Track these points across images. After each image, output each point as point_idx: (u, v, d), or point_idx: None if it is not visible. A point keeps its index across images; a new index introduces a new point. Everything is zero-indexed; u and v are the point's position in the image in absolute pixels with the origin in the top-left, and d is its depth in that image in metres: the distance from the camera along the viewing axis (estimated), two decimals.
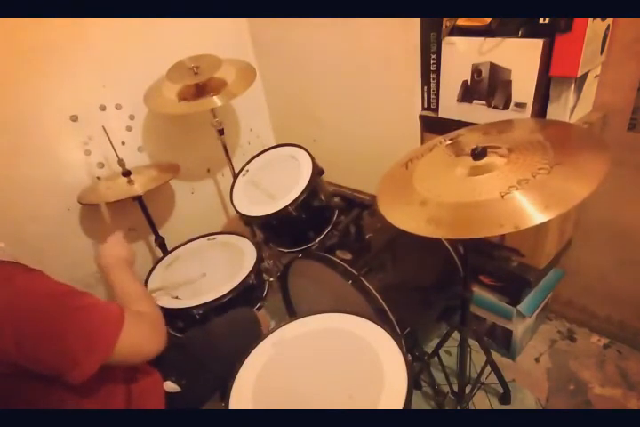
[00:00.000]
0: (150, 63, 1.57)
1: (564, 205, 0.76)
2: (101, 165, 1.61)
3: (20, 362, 0.71)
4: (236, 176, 1.57)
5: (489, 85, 1.23)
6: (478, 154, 0.92)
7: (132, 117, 1.64)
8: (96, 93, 1.53)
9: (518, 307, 1.49)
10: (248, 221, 1.48)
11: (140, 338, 0.84)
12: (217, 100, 1.44)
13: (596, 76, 1.23)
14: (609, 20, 1.12)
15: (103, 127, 1.40)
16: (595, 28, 1.06)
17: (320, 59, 1.69)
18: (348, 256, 1.37)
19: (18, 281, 0.74)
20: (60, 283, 0.79)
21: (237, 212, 1.45)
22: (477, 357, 1.52)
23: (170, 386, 1.00)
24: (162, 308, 1.34)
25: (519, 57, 1.15)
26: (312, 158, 1.42)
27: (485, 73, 1.22)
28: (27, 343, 0.71)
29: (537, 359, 1.63)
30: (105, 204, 1.25)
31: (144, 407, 0.94)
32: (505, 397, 1.48)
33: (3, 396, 0.77)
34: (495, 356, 1.45)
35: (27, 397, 0.78)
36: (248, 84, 1.51)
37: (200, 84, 1.48)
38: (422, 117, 1.48)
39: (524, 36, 1.12)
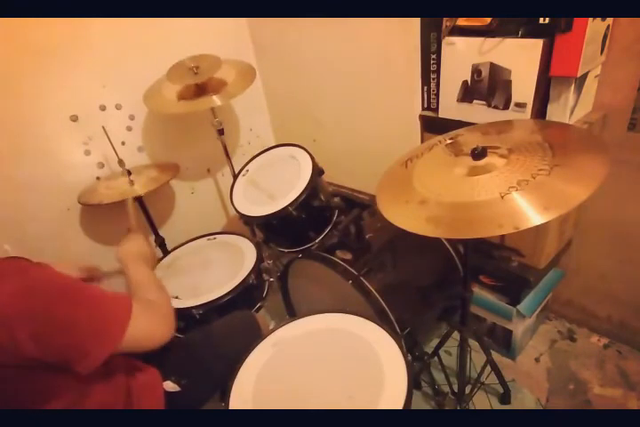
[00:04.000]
0: (150, 63, 1.57)
1: (564, 206, 0.76)
2: (101, 165, 1.61)
3: (34, 354, 0.72)
4: (235, 176, 1.57)
5: (489, 85, 1.23)
6: (478, 154, 0.92)
7: (131, 117, 1.64)
8: (96, 93, 1.53)
9: (518, 307, 1.49)
10: (248, 221, 1.48)
11: (149, 326, 0.85)
12: (216, 100, 1.44)
13: (596, 76, 1.22)
14: (609, 20, 1.12)
15: (103, 127, 1.40)
16: (595, 28, 1.06)
17: (320, 59, 1.69)
18: (348, 256, 1.37)
19: (31, 273, 0.75)
20: (68, 275, 0.81)
21: (237, 212, 1.45)
22: (477, 357, 1.52)
23: (170, 386, 1.00)
24: None
25: (519, 57, 1.15)
26: (312, 158, 1.41)
27: (485, 73, 1.22)
28: (40, 335, 0.72)
29: (537, 359, 1.63)
30: (132, 199, 1.30)
31: (143, 405, 0.94)
32: (505, 397, 1.48)
33: (10, 385, 0.77)
34: (495, 356, 1.45)
35: (32, 387, 0.78)
36: (248, 84, 1.51)
37: (200, 84, 1.48)
38: (422, 117, 1.48)
39: (523, 36, 1.12)
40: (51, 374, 0.78)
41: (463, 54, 1.23)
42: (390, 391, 0.85)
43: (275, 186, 1.44)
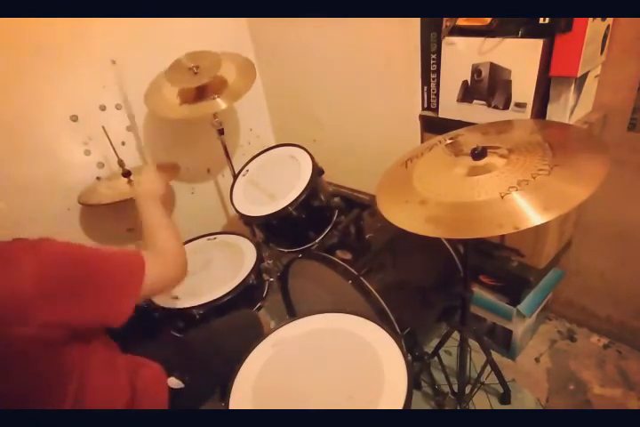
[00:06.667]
0: (150, 63, 1.57)
1: (564, 206, 0.76)
2: (101, 165, 1.61)
3: (69, 323, 0.75)
4: (235, 176, 1.57)
5: (489, 85, 1.23)
6: (478, 154, 0.92)
7: (131, 117, 1.64)
8: (96, 93, 1.53)
9: (518, 307, 1.49)
10: (248, 221, 1.48)
11: (161, 271, 0.91)
12: (221, 103, 1.44)
13: (596, 76, 1.22)
14: (609, 20, 1.12)
15: (103, 127, 1.40)
16: (595, 28, 1.06)
17: (320, 58, 1.69)
18: (348, 256, 1.37)
19: (43, 248, 0.76)
20: (76, 243, 0.83)
21: (237, 212, 1.45)
22: (477, 357, 1.52)
23: (174, 382, 1.01)
24: (162, 308, 1.35)
25: (519, 57, 1.15)
26: (312, 158, 1.41)
27: (485, 73, 1.22)
28: (70, 305, 0.75)
29: (537, 359, 1.63)
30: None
31: (147, 400, 0.95)
32: (505, 397, 1.48)
33: (29, 362, 0.77)
34: (495, 356, 1.45)
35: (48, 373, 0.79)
36: (249, 82, 1.50)
37: (201, 85, 1.48)
38: (422, 117, 1.48)
39: (523, 36, 1.12)
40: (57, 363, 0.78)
41: (463, 54, 1.23)
42: (390, 391, 0.85)
43: (275, 186, 1.44)
